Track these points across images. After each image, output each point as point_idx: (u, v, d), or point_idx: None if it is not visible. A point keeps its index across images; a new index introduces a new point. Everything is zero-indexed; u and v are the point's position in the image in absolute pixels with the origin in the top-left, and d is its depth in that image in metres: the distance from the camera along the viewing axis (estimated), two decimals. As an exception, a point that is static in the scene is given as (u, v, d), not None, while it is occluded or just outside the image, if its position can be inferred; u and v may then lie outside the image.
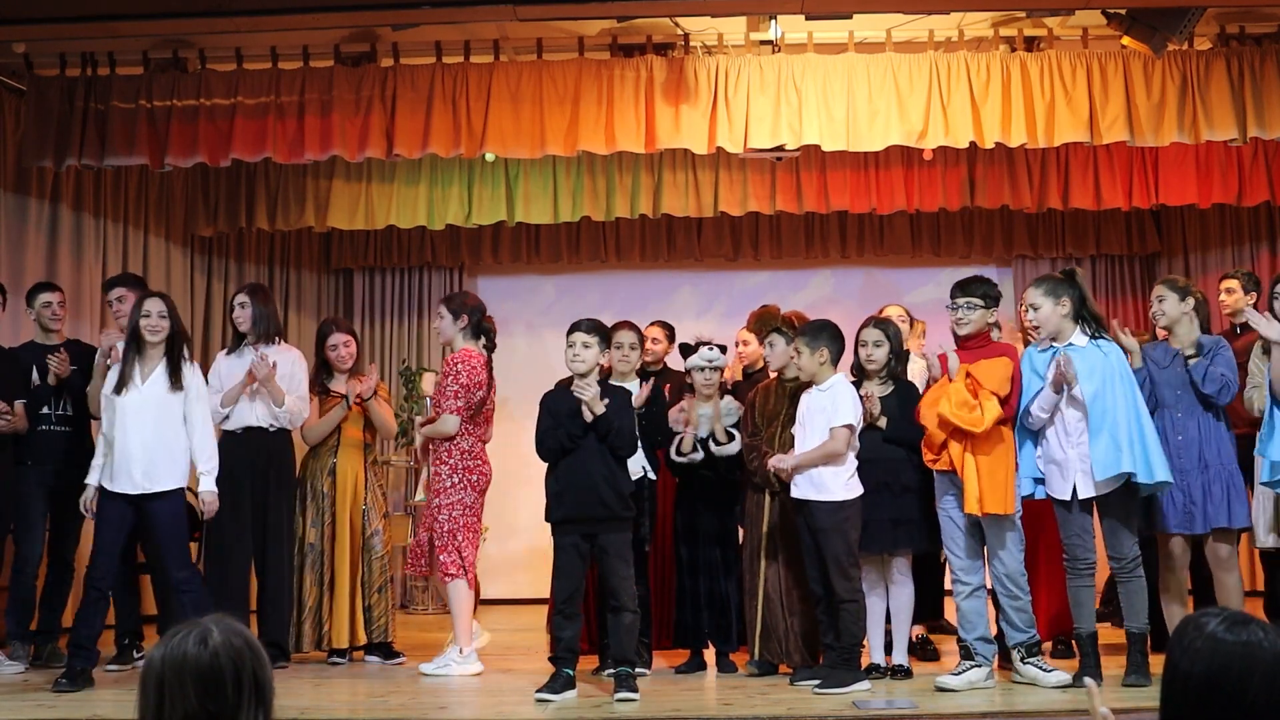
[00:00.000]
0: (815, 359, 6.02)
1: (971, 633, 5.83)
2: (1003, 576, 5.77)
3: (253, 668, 2.26)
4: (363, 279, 11.09)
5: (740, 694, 5.80)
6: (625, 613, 5.77)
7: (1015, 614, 5.77)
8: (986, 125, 7.70)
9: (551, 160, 9.31)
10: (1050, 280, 5.82)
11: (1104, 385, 5.61)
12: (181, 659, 2.21)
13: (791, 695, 5.70)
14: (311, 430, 7.15)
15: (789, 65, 7.80)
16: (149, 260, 9.60)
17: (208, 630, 2.25)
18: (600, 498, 5.75)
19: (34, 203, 8.64)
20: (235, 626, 2.29)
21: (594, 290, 10.72)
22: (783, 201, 9.51)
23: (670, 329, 7.73)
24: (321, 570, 7.00)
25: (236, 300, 7.14)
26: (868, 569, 6.15)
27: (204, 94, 8.01)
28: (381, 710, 5.61)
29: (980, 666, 5.77)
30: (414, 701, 5.74)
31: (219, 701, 2.21)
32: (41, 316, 7.18)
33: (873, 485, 6.01)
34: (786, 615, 6.20)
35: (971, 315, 5.96)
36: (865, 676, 5.85)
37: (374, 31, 7.91)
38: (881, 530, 6.04)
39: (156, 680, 2.22)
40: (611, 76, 7.84)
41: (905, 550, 6.11)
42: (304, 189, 9.84)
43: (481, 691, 6.16)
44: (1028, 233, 10.64)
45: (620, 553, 5.80)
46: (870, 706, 5.35)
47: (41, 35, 7.72)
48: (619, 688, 5.62)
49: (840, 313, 8.17)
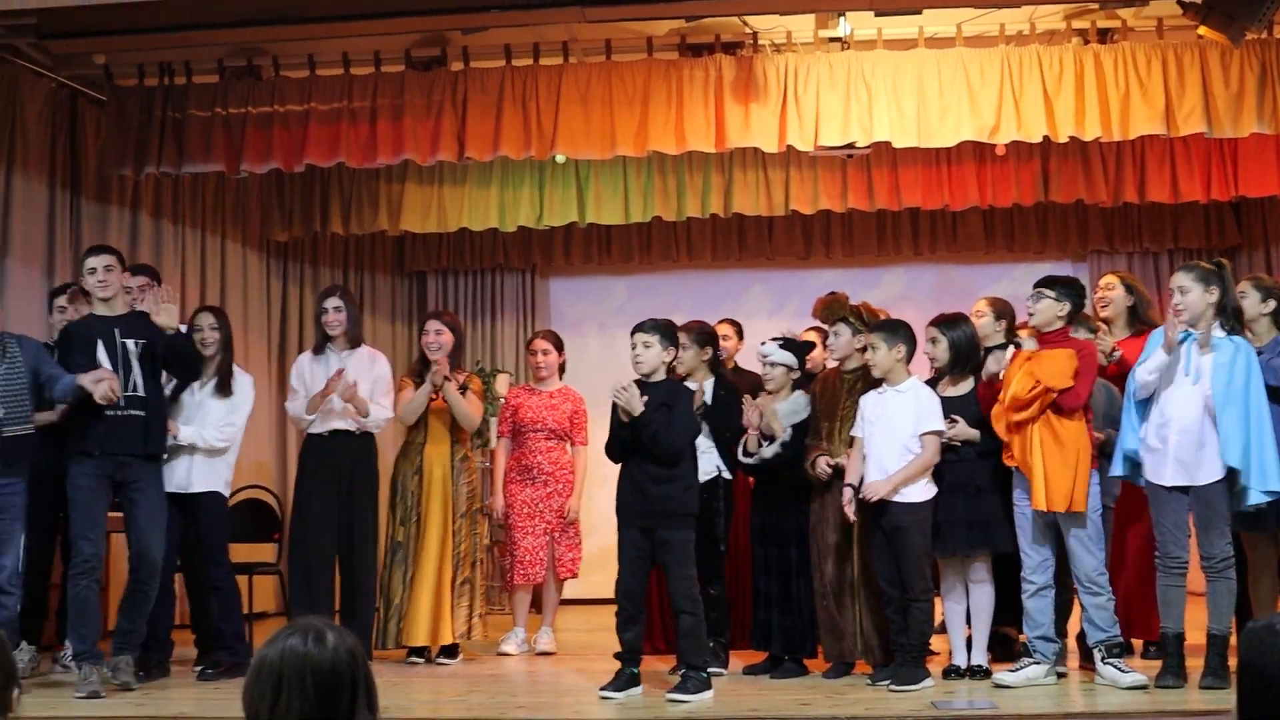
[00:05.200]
0: (892, 355, 5.98)
1: (1034, 631, 5.78)
2: (1080, 575, 5.71)
3: (365, 669, 2.31)
4: (436, 281, 11.18)
5: (817, 694, 5.78)
6: (684, 615, 5.76)
7: (1095, 613, 5.70)
8: (1060, 119, 7.61)
9: (622, 161, 9.32)
10: (1201, 268, 5.73)
11: (1230, 380, 5.50)
12: (302, 657, 2.25)
13: (869, 695, 5.68)
14: (404, 411, 7.19)
15: (858, 62, 7.76)
16: (226, 265, 9.76)
17: (322, 630, 2.29)
18: (653, 496, 5.76)
19: (115, 210, 8.80)
20: (340, 628, 2.33)
21: (665, 290, 10.72)
22: (854, 199, 9.46)
23: (739, 327, 7.73)
24: (407, 569, 7.05)
25: (329, 304, 7.12)
26: (948, 570, 6.10)
27: (278, 101, 8.11)
28: (462, 709, 5.65)
29: (1039, 664, 5.72)
30: (493, 701, 5.79)
31: (335, 701, 2.25)
32: (88, 283, 6.32)
33: (945, 486, 5.97)
34: (860, 614, 6.16)
35: (1038, 305, 5.88)
36: (930, 674, 5.83)
37: (444, 36, 7.97)
38: (956, 531, 5.99)
39: (274, 677, 2.24)
40: (680, 76, 7.84)
41: (983, 551, 6.05)
42: (377, 193, 9.94)
43: (559, 690, 6.20)
44: (1103, 227, 10.51)
45: (677, 553, 5.78)
46: (950, 707, 5.31)
47: (120, 46, 7.88)
48: (674, 688, 5.63)
49: (913, 310, 8.16)
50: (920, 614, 5.83)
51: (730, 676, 6.34)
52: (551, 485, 7.41)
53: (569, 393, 7.59)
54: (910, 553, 5.83)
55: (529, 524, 7.37)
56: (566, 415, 7.45)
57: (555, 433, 7.45)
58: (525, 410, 7.46)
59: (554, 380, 7.61)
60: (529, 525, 7.37)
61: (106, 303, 6.25)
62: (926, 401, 5.93)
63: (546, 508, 7.39)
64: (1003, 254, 10.58)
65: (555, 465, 7.44)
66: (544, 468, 7.41)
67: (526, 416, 7.44)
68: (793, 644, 6.37)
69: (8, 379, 5.84)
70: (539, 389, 7.55)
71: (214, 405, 6.62)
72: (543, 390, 7.54)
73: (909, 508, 5.84)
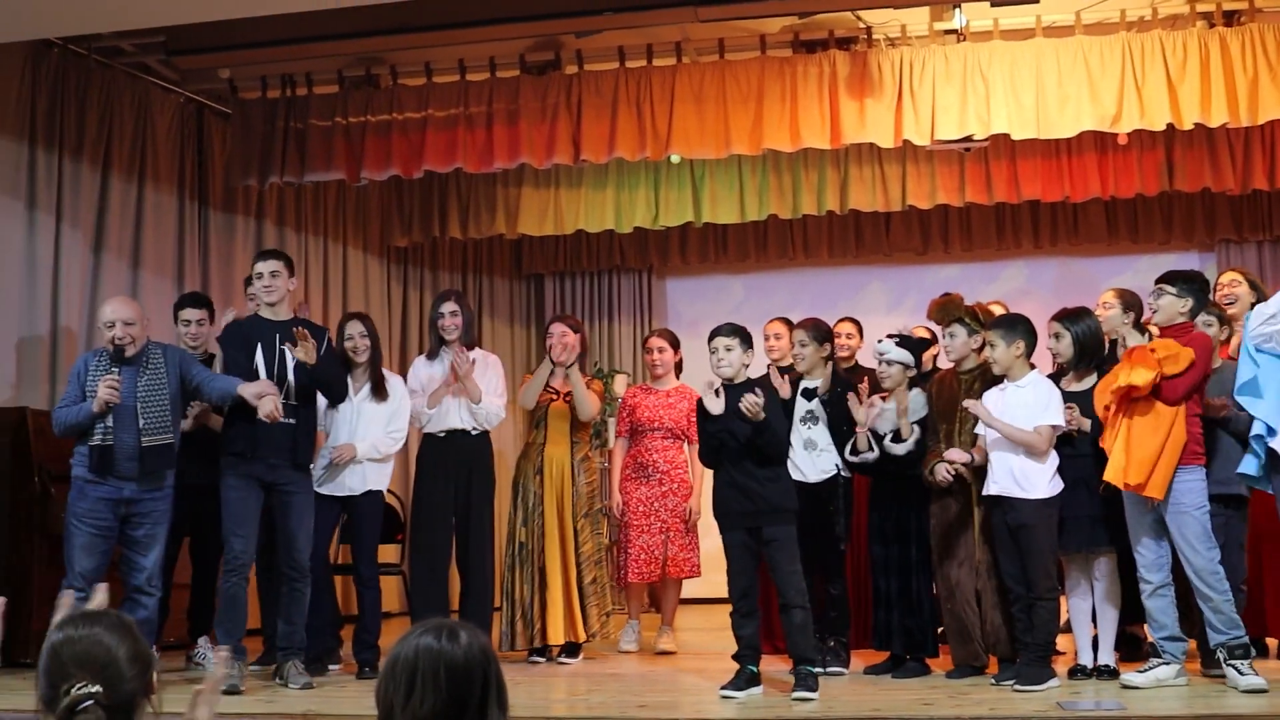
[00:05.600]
0: (1011, 352, 5.89)
1: (1159, 631, 5.63)
2: (1192, 575, 5.54)
3: (496, 668, 2.34)
4: (553, 284, 11.29)
5: (940, 694, 5.72)
6: (794, 609, 5.70)
7: (1212, 614, 5.51)
8: (1185, 105, 7.43)
9: (737, 159, 9.31)
10: None
11: None
12: (437, 653, 2.29)
13: (993, 695, 5.59)
14: (522, 394, 7.31)
15: (975, 54, 7.66)
16: (348, 271, 9.96)
17: (455, 628, 2.34)
18: (759, 495, 5.74)
19: (240, 220, 9.05)
20: (473, 627, 2.38)
21: (782, 288, 10.69)
22: (972, 193, 9.34)
23: (859, 325, 7.68)
24: (532, 569, 7.10)
25: (445, 308, 7.16)
26: (1072, 568, 6.00)
27: (396, 109, 8.25)
28: (583, 709, 5.69)
29: (1169, 665, 5.58)
30: (613, 700, 5.80)
31: (467, 697, 2.29)
32: (254, 287, 6.54)
33: (1070, 482, 5.86)
34: (984, 613, 6.08)
35: (1159, 301, 5.74)
36: (1055, 674, 5.72)
37: (558, 40, 8.05)
38: (1080, 527, 5.87)
39: (409, 671, 2.29)
40: (794, 73, 7.81)
41: (1108, 548, 5.93)
42: (494, 197, 10.06)
43: (679, 690, 6.21)
44: (1231, 215, 10.24)
45: (783, 548, 5.73)
46: (1077, 708, 5.21)
47: (244, 60, 8.11)
48: (797, 686, 5.59)
49: (1034, 305, 8.04)
50: (1045, 613, 5.74)
51: (851, 676, 6.30)
52: (667, 484, 7.43)
53: (685, 391, 7.59)
54: (1035, 550, 5.74)
55: (644, 522, 7.40)
56: (684, 414, 7.46)
57: (672, 431, 7.47)
58: (642, 410, 7.49)
59: (670, 379, 7.62)
60: (644, 523, 7.40)
61: (272, 307, 6.36)
62: (1045, 394, 5.83)
63: (662, 506, 7.41)
64: (1126, 245, 10.37)
65: (671, 464, 7.46)
66: (660, 466, 7.44)
67: (644, 416, 7.47)
68: (914, 643, 6.31)
69: (150, 389, 5.96)
70: (655, 388, 7.57)
71: (372, 410, 6.76)
72: (659, 389, 7.56)
73: (1032, 505, 5.75)
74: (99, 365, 5.94)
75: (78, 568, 5.88)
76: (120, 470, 5.88)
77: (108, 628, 2.36)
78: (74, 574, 5.86)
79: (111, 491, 5.90)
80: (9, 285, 7.33)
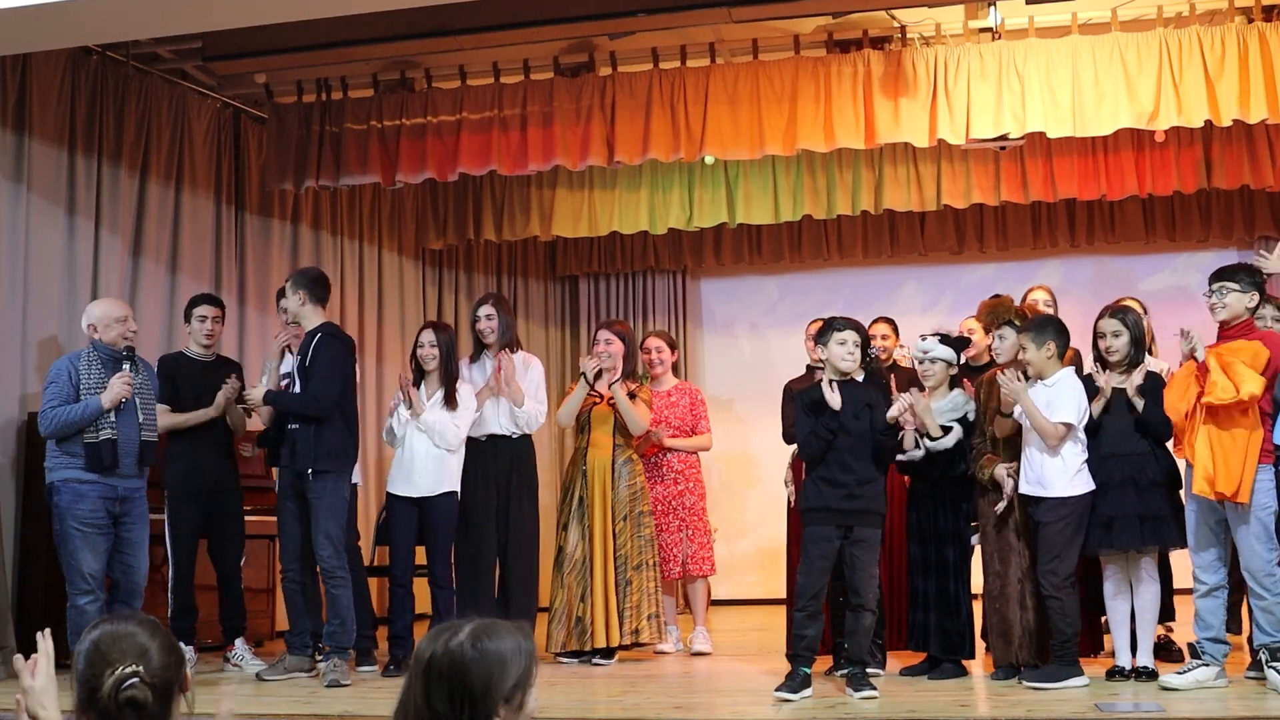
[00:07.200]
0: (1042, 353, 5.88)
1: (1204, 632, 5.60)
2: (1246, 573, 5.51)
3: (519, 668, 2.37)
4: (588, 285, 11.30)
5: (976, 695, 5.70)
6: (866, 612, 5.75)
7: (1261, 615, 5.49)
8: (1223, 102, 7.36)
9: (771, 160, 9.30)
10: None
11: None
12: (458, 652, 2.33)
13: (1030, 697, 5.56)
14: (560, 413, 7.33)
15: (1010, 51, 7.62)
16: (383, 273, 10.02)
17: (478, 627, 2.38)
18: (859, 496, 5.76)
19: (277, 223, 9.10)
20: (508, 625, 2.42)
21: (817, 288, 10.67)
22: (1008, 191, 9.29)
23: (895, 325, 7.65)
24: (578, 572, 7.06)
25: (482, 312, 7.25)
26: (1113, 568, 5.96)
27: (430, 112, 8.28)
28: (618, 710, 5.69)
29: (1209, 666, 5.53)
30: (649, 701, 5.81)
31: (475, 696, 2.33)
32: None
33: (1118, 480, 5.81)
34: (1020, 613, 6.04)
35: (1225, 299, 5.66)
36: (1082, 673, 5.70)
37: (591, 42, 8.05)
38: (1128, 527, 5.82)
39: (430, 669, 2.34)
40: (828, 73, 7.79)
41: (1153, 548, 5.89)
42: (529, 199, 10.08)
43: (716, 691, 6.21)
44: (1271, 212, 10.12)
45: (870, 550, 5.79)
46: (1115, 709, 5.18)
47: (280, 65, 8.17)
48: (858, 686, 5.59)
49: (1071, 303, 7.98)
50: (1056, 612, 5.74)
51: (887, 677, 6.28)
52: (682, 483, 7.50)
53: (684, 387, 7.77)
54: (1044, 548, 5.75)
55: (663, 521, 7.42)
56: (686, 409, 7.56)
57: (679, 429, 7.51)
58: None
59: (669, 378, 7.72)
60: (664, 523, 7.42)
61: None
62: (1064, 391, 5.81)
63: (679, 505, 7.47)
64: (1164, 243, 10.29)
65: (684, 463, 7.52)
66: (673, 465, 7.51)
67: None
68: (951, 645, 6.28)
69: (143, 386, 6.34)
70: (656, 389, 7.59)
71: (442, 418, 6.82)
72: (660, 390, 7.60)
73: (1049, 504, 5.77)
74: (91, 365, 6.22)
75: (86, 570, 6.02)
76: (122, 465, 6.16)
77: (140, 624, 2.46)
78: (83, 578, 6.02)
79: (108, 490, 6.16)
80: (49, 290, 7.40)
